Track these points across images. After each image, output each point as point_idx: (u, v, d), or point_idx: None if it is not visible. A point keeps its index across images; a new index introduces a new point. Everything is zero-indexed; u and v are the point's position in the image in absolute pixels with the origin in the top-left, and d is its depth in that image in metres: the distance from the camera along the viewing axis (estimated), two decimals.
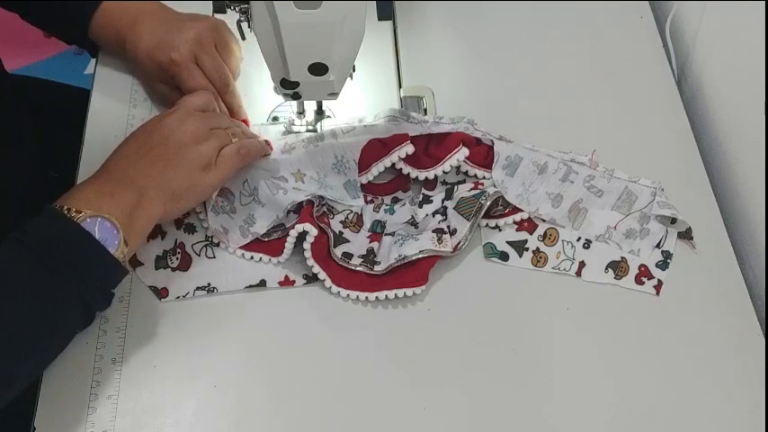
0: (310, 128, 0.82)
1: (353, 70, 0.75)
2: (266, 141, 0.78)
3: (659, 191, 0.80)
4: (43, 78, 1.07)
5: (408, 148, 0.77)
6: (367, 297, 0.74)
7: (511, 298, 0.76)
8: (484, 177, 0.80)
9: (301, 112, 0.82)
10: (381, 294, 0.74)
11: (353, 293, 0.74)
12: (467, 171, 0.80)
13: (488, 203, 0.76)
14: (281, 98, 0.78)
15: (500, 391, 0.71)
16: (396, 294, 0.74)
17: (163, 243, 0.77)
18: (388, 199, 0.81)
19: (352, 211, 0.79)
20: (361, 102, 0.86)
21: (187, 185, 0.70)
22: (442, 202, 0.79)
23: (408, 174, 0.79)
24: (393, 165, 0.78)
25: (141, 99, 0.86)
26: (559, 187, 0.80)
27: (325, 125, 0.81)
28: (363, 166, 0.78)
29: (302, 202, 0.76)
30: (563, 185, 0.80)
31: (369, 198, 0.80)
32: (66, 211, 0.64)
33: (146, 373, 0.70)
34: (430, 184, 0.80)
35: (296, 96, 0.76)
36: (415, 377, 0.72)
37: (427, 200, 0.80)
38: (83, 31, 0.83)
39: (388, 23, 0.93)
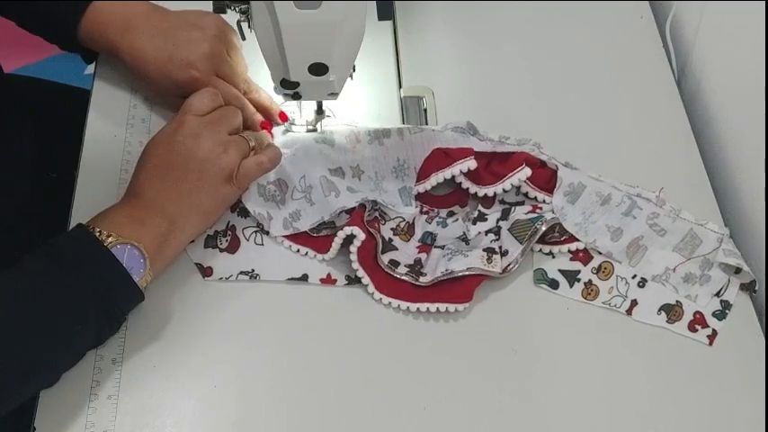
0: (310, 128, 0.82)
1: (353, 70, 0.75)
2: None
3: (726, 238, 0.78)
4: (43, 78, 1.06)
5: (471, 164, 0.76)
6: (408, 307, 0.73)
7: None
8: (543, 201, 0.78)
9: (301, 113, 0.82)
10: (423, 306, 0.73)
11: (395, 302, 0.74)
12: (527, 192, 0.78)
13: (544, 229, 0.75)
14: (281, 98, 0.78)
15: (500, 391, 0.71)
16: (438, 308, 0.73)
17: (215, 224, 0.77)
18: (443, 212, 0.80)
19: (404, 220, 0.78)
20: (362, 102, 0.86)
21: (216, 202, 0.72)
22: (497, 221, 0.78)
23: (467, 189, 0.78)
24: (453, 178, 0.77)
25: (141, 99, 0.86)
26: (621, 221, 0.78)
27: (326, 125, 0.81)
28: (423, 175, 0.78)
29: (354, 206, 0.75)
30: (625, 219, 0.78)
31: (424, 209, 0.80)
32: (97, 233, 0.65)
33: (146, 373, 0.70)
34: (488, 201, 0.79)
35: (296, 96, 0.76)
36: (416, 377, 0.72)
37: (482, 217, 0.79)
38: (71, 37, 0.80)
39: (388, 23, 0.93)
